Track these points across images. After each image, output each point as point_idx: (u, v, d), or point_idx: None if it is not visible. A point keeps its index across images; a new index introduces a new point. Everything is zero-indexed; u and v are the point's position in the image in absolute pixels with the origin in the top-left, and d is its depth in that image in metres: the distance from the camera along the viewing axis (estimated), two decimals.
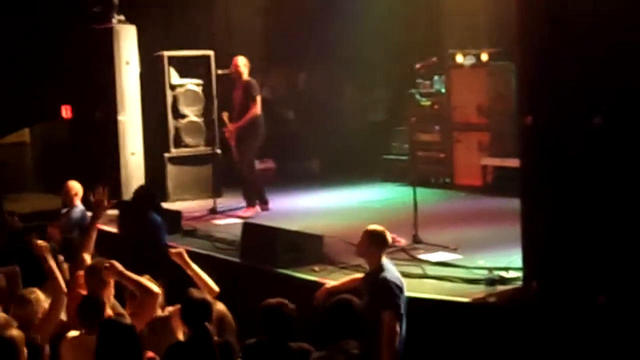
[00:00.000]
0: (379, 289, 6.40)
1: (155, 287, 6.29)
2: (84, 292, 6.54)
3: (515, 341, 6.61)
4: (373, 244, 6.67)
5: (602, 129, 6.38)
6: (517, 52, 7.33)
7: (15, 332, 5.46)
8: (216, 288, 6.59)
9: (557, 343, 6.41)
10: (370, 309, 6.17)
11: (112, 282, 6.61)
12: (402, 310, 6.42)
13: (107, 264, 6.50)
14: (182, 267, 6.76)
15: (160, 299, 6.45)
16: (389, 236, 8.89)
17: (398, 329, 6.34)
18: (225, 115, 11.59)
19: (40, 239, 9.44)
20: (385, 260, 6.69)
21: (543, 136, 6.81)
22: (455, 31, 13.27)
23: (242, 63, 11.41)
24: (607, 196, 6.45)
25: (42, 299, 6.42)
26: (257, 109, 11.28)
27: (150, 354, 5.71)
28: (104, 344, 5.43)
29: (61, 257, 7.51)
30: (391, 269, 6.63)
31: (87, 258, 6.99)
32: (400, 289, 6.50)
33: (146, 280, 6.34)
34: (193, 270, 6.71)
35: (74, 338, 5.95)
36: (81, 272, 6.75)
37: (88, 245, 7.14)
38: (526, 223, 7.04)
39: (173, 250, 6.89)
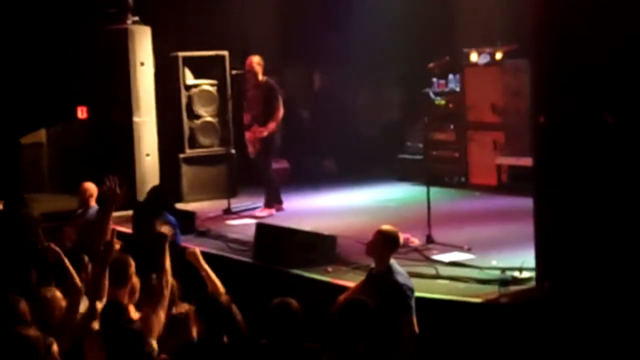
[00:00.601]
0: (394, 292, 6.40)
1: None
2: None
3: (527, 341, 6.59)
4: (386, 244, 6.67)
5: (615, 128, 6.35)
6: (531, 50, 7.32)
7: (32, 332, 5.50)
8: (223, 291, 6.58)
9: (569, 343, 6.39)
10: (380, 310, 6.15)
11: (135, 282, 6.63)
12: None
13: (191, 249, 6.74)
14: (195, 266, 6.76)
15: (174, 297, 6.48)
16: (401, 237, 8.94)
17: (417, 330, 6.35)
18: (247, 119, 11.53)
19: (55, 239, 9.55)
20: (393, 261, 6.67)
21: (556, 135, 6.80)
22: (469, 29, 13.23)
23: (256, 62, 11.38)
24: (620, 195, 6.43)
25: (60, 297, 6.44)
26: (281, 112, 11.27)
27: (163, 356, 5.71)
28: (110, 347, 5.46)
29: (85, 257, 7.48)
30: (401, 271, 6.63)
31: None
32: (412, 290, 6.51)
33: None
34: (205, 271, 6.75)
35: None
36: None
37: (105, 236, 7.09)
38: (539, 222, 7.03)
39: (189, 250, 6.92)
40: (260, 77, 11.36)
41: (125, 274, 6.53)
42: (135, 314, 6.23)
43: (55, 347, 5.55)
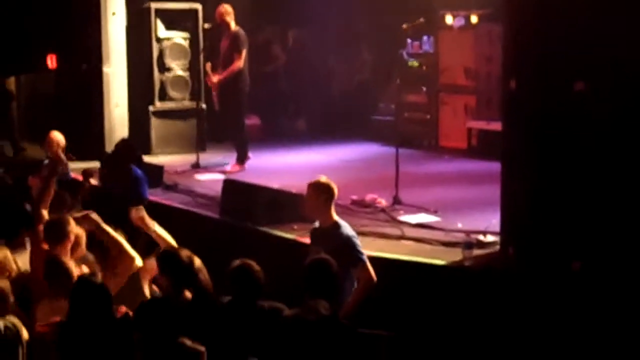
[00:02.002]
0: (346, 247, 6.33)
1: (132, 251, 6.25)
2: (45, 247, 6.53)
3: (490, 305, 6.63)
4: (320, 195, 6.54)
5: (584, 95, 6.36)
6: (503, 14, 7.29)
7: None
8: (134, 254, 6.35)
9: (532, 309, 6.43)
10: None
11: (79, 236, 6.58)
12: None
13: (84, 214, 6.47)
14: (143, 228, 6.59)
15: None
16: (368, 197, 8.94)
17: (374, 276, 6.36)
18: (208, 66, 11.53)
19: (21, 189, 9.48)
20: (337, 217, 6.61)
21: (526, 100, 6.79)
22: None
23: (225, 11, 11.26)
24: (587, 163, 6.44)
25: (10, 257, 6.39)
26: (240, 62, 11.18)
27: (123, 308, 5.70)
28: (75, 305, 5.44)
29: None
30: (345, 225, 6.57)
31: (45, 213, 6.91)
32: (358, 240, 6.53)
33: (123, 240, 6.30)
34: (154, 232, 6.53)
35: (50, 303, 5.92)
36: (42, 227, 6.70)
37: (46, 200, 7.03)
38: (505, 187, 7.05)
39: (133, 213, 6.63)
40: (233, 26, 11.25)
41: (62, 233, 6.48)
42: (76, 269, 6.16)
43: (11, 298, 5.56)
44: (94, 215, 6.45)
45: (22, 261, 6.62)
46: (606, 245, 6.33)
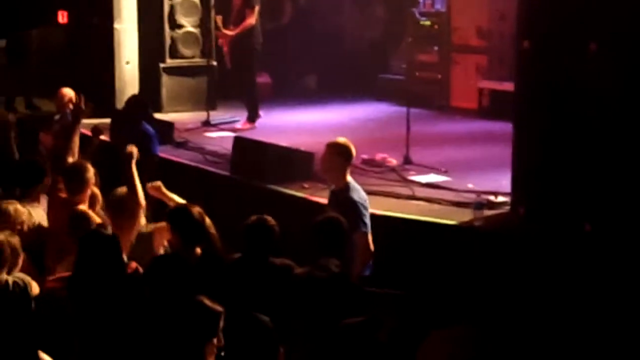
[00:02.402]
0: (349, 210, 6.29)
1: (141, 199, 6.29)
2: (64, 195, 6.58)
3: (500, 266, 6.64)
4: (337, 157, 6.54)
5: (599, 56, 6.32)
6: None
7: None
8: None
9: (542, 269, 6.44)
10: None
11: (96, 194, 6.63)
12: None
13: (152, 184, 6.54)
14: (161, 199, 6.60)
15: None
16: (379, 156, 8.93)
17: (372, 248, 6.35)
18: (219, 19, 11.47)
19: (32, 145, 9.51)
20: (351, 179, 6.60)
21: (539, 61, 6.77)
22: None
23: None
24: (599, 124, 6.42)
25: (22, 211, 6.41)
26: (253, 19, 11.14)
27: (133, 264, 5.72)
28: (84, 255, 5.43)
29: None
30: (358, 188, 6.56)
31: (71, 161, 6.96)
32: (367, 208, 6.49)
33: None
34: (173, 201, 6.53)
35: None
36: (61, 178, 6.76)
37: (72, 150, 7.09)
38: (517, 148, 7.03)
39: (150, 185, 6.64)
40: None
41: (82, 179, 6.53)
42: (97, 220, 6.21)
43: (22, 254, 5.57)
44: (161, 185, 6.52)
45: (36, 215, 6.64)
46: (617, 207, 6.32)
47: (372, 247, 6.38)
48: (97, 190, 6.79)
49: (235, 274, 5.77)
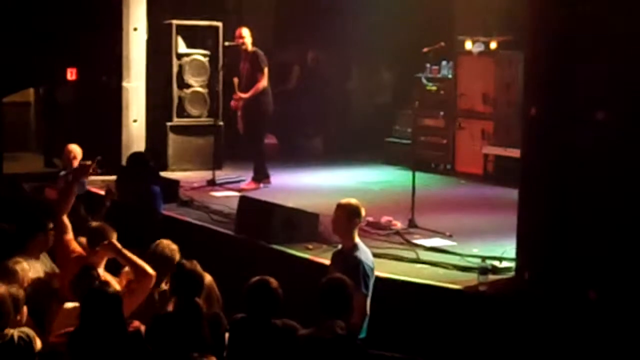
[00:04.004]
0: (353, 270, 6.27)
1: (150, 269, 6.24)
2: (83, 253, 6.56)
3: (504, 331, 6.59)
4: (347, 217, 6.57)
5: (606, 124, 6.34)
6: (526, 41, 7.30)
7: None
8: (152, 272, 6.27)
9: (546, 335, 6.40)
10: None
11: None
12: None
13: (106, 242, 6.45)
14: (116, 258, 6.50)
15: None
16: (383, 219, 8.92)
17: (368, 311, 6.32)
18: (235, 81, 11.57)
19: (38, 200, 9.50)
20: (359, 241, 6.62)
21: (546, 128, 6.79)
22: (465, 17, 13.18)
23: (246, 34, 11.40)
24: (605, 192, 6.42)
25: (27, 269, 6.40)
26: (264, 81, 11.28)
27: (135, 323, 5.69)
28: (87, 312, 5.42)
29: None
30: (365, 250, 6.57)
31: (66, 220, 6.92)
32: (372, 270, 6.48)
33: (142, 262, 6.29)
34: (127, 259, 6.37)
35: (74, 309, 5.91)
36: (68, 236, 6.72)
37: (65, 207, 7.02)
38: (522, 213, 7.03)
39: (105, 243, 6.51)
40: (250, 48, 11.34)
41: (106, 239, 6.52)
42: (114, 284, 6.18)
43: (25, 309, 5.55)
44: (115, 242, 6.46)
45: (34, 271, 6.63)
46: (623, 275, 6.30)
47: (367, 309, 6.33)
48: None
49: (238, 334, 5.73)
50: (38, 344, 5.53)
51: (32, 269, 6.61)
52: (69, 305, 6.06)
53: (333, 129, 14.43)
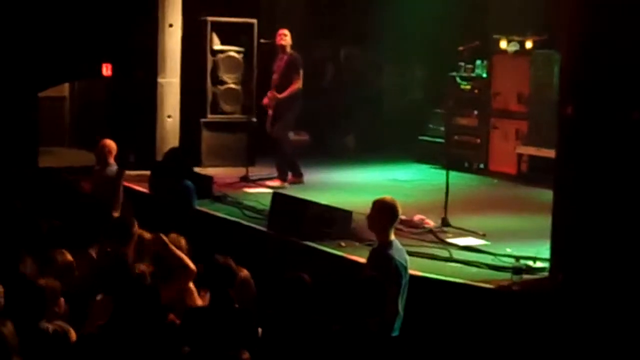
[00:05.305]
0: (385, 267, 6.26)
1: (192, 265, 6.26)
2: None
3: (536, 331, 6.57)
4: (384, 215, 6.55)
5: None
6: (563, 41, 7.26)
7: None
8: (193, 267, 6.28)
9: (578, 336, 6.36)
10: None
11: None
12: (403, 291, 6.34)
13: (154, 235, 6.51)
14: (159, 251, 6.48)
15: None
16: (416, 217, 8.91)
17: (401, 310, 6.30)
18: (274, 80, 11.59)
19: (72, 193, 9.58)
20: (394, 238, 6.60)
21: (582, 128, 6.75)
22: (501, 16, 13.11)
23: (286, 34, 11.42)
24: None
25: (70, 260, 6.45)
26: (300, 83, 11.32)
27: (170, 316, 5.72)
28: (121, 304, 5.45)
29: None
30: (400, 248, 6.54)
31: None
32: (406, 268, 6.45)
33: (186, 258, 6.33)
34: (172, 252, 6.38)
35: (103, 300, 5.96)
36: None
37: (116, 206, 7.13)
38: (557, 214, 6.99)
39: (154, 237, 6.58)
40: (289, 49, 11.38)
41: (130, 232, 6.58)
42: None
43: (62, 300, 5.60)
44: (163, 237, 6.51)
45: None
46: None
47: (399, 308, 6.31)
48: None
49: (271, 329, 5.75)
50: (73, 336, 5.57)
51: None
52: (98, 297, 6.09)
53: (365, 126, 14.41)
